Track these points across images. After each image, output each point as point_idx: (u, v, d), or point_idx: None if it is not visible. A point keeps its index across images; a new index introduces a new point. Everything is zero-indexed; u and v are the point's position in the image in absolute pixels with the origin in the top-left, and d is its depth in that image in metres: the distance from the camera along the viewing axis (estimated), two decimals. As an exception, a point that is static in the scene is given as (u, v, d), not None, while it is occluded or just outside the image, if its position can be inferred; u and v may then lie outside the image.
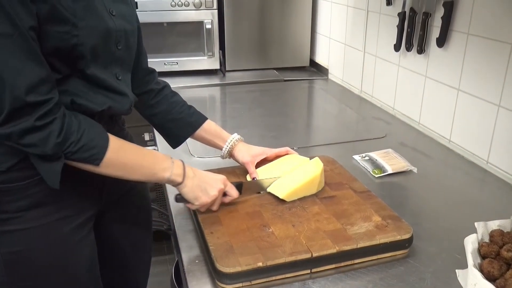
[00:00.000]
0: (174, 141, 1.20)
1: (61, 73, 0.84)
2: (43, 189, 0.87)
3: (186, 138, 1.20)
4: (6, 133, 0.78)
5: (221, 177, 1.02)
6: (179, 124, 1.17)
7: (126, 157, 0.91)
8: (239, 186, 1.05)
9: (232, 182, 1.05)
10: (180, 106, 1.18)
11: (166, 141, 1.22)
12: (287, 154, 1.23)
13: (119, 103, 0.96)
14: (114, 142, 0.89)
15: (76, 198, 0.95)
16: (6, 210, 0.88)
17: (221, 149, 1.19)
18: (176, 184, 0.97)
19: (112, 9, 0.92)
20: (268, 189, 1.09)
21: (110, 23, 0.90)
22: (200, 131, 1.18)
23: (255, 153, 1.19)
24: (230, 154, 1.19)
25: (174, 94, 1.20)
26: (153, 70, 1.18)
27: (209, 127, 1.19)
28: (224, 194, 1.03)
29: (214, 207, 1.01)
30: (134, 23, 1.01)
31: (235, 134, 1.20)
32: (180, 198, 1.01)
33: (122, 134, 1.07)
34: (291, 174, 1.11)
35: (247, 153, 1.18)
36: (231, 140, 1.18)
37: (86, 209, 0.98)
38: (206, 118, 1.20)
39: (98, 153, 0.86)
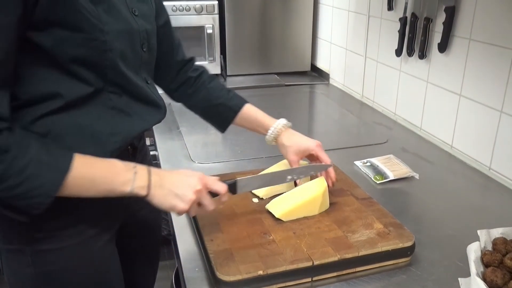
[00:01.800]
0: (220, 127, 1.18)
1: (93, 85, 0.80)
2: (82, 206, 0.83)
3: (230, 123, 1.16)
4: None
5: (196, 176, 0.85)
6: (219, 110, 1.14)
7: (78, 176, 0.76)
8: (232, 186, 0.94)
9: (225, 181, 0.92)
10: (218, 91, 1.15)
11: (214, 127, 1.19)
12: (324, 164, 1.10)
13: (154, 115, 0.94)
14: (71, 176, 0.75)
15: (104, 214, 0.91)
16: (43, 229, 0.84)
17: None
18: (141, 198, 0.82)
19: (134, 9, 0.87)
20: (266, 206, 1.05)
21: (134, 24, 0.86)
22: (239, 118, 1.14)
23: (300, 149, 1.10)
24: (276, 142, 1.13)
25: (212, 79, 1.17)
26: (191, 58, 1.15)
27: (248, 114, 1.14)
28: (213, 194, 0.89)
29: (209, 206, 0.86)
30: (154, 22, 0.96)
31: (280, 120, 1.12)
32: None
33: (144, 149, 1.07)
34: (292, 192, 1.06)
35: (291, 149, 1.10)
36: (274, 128, 1.11)
37: (111, 224, 0.96)
38: (245, 102, 1.15)
39: (39, 204, 0.73)
